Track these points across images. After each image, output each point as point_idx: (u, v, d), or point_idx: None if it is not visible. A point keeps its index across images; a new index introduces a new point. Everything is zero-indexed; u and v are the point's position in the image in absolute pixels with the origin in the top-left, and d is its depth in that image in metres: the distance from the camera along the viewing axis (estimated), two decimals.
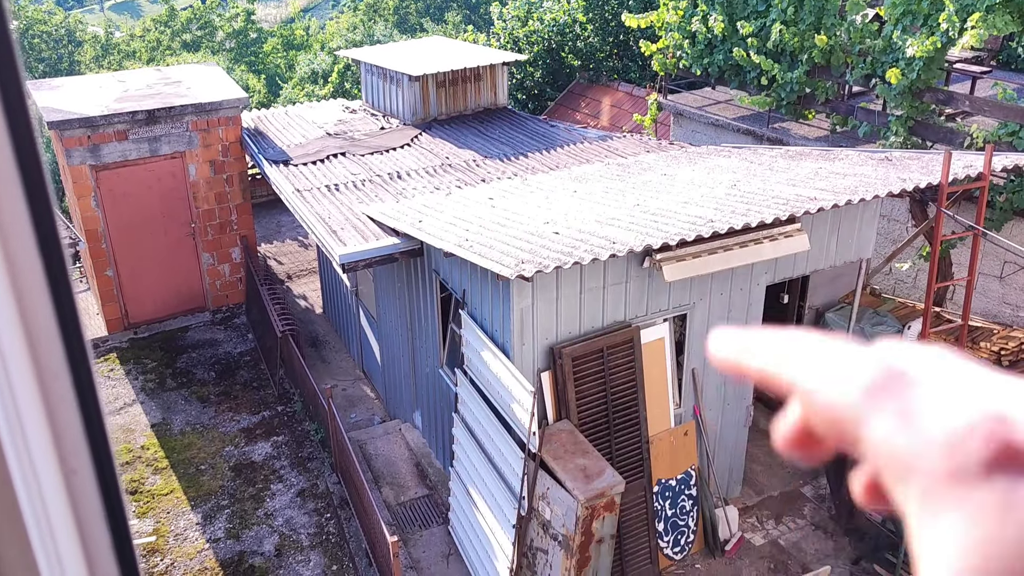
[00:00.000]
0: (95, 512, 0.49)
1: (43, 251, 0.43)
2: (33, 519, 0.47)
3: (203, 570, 9.00)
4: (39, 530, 0.47)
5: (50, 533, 0.47)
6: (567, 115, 19.25)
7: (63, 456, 0.48)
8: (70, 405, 0.47)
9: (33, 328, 0.45)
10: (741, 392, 9.15)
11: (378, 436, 10.77)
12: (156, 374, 12.39)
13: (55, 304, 0.44)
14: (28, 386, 0.46)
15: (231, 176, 13.28)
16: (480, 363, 7.95)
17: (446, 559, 8.79)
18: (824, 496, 9.62)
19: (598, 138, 12.73)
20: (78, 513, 0.48)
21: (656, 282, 7.94)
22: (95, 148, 12.21)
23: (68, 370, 0.47)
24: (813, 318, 10.32)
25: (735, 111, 14.54)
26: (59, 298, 0.45)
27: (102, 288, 13.00)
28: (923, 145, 11.20)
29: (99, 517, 0.49)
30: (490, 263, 6.71)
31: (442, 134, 13.00)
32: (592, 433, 7.83)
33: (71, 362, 0.46)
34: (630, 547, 8.31)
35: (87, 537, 0.49)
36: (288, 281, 15.21)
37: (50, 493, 0.47)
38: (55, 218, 0.46)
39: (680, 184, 9.17)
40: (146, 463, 10.59)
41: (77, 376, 0.47)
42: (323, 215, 9.92)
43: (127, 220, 12.81)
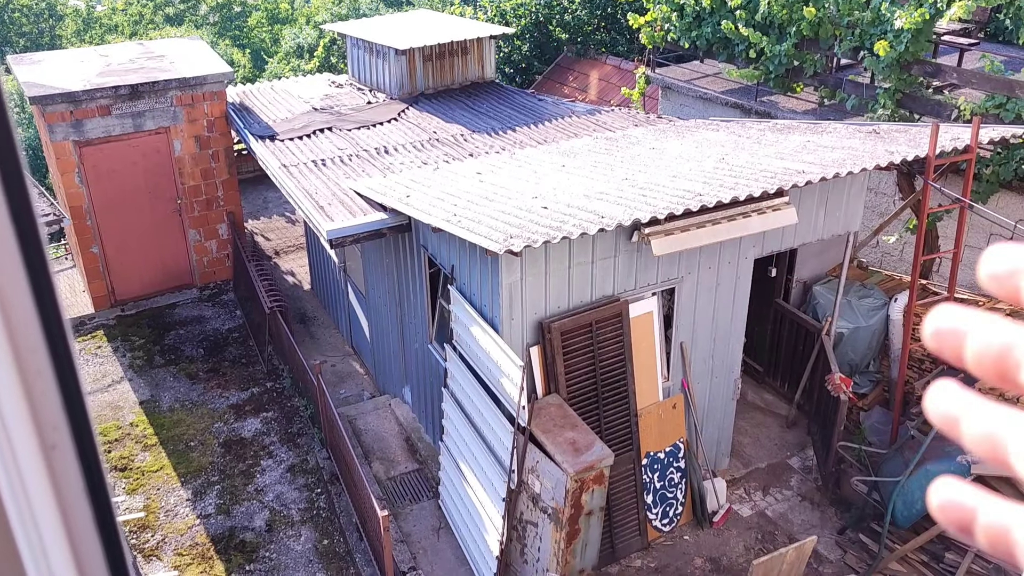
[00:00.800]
0: (76, 487, 0.48)
1: (16, 222, 0.42)
2: (11, 496, 0.46)
3: (194, 545, 9.03)
4: (18, 507, 0.46)
5: (30, 509, 0.46)
6: (555, 89, 19.14)
7: (42, 431, 0.47)
8: (48, 379, 0.46)
9: (8, 302, 0.44)
10: (729, 365, 9.20)
11: (368, 411, 10.79)
12: (144, 351, 12.35)
13: (30, 276, 0.43)
14: (5, 361, 0.45)
15: (217, 152, 13.16)
16: (469, 338, 7.96)
17: (436, 533, 8.85)
18: (811, 468, 9.72)
19: (586, 112, 12.67)
20: (59, 489, 0.48)
21: (644, 256, 7.94)
22: (78, 124, 12.07)
23: (45, 344, 0.46)
24: (801, 291, 10.37)
25: (723, 84, 14.49)
26: (34, 270, 0.44)
27: (88, 265, 12.91)
28: (911, 118, 11.20)
29: (80, 492, 0.48)
30: (478, 238, 6.69)
31: (429, 108, 12.91)
32: (581, 407, 7.86)
33: (48, 336, 0.46)
34: (619, 519, 8.38)
35: (68, 513, 0.48)
36: (276, 257, 15.14)
37: (29, 469, 0.47)
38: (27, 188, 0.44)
39: (668, 158, 9.15)
40: (135, 440, 10.58)
41: (55, 350, 0.46)
42: (310, 190, 9.85)
43: (112, 196, 12.69)
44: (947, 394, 0.62)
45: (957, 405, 0.61)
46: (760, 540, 8.81)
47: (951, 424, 0.61)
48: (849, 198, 9.10)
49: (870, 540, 8.56)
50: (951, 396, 0.62)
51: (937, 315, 0.63)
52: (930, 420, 0.63)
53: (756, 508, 9.22)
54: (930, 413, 0.62)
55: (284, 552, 8.94)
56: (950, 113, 10.65)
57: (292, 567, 8.77)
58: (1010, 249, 0.61)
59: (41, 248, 0.45)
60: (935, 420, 0.62)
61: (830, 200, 8.95)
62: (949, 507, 0.60)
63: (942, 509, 0.61)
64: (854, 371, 10.07)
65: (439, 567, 8.43)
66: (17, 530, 0.46)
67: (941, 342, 0.62)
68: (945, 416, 0.61)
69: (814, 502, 9.28)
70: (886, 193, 12.38)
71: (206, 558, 8.88)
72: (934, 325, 0.62)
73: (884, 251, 12.57)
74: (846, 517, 9.01)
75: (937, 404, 0.62)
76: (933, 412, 0.62)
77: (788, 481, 9.58)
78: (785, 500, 9.33)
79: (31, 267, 0.43)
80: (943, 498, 0.61)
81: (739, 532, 8.91)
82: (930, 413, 0.62)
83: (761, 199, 7.62)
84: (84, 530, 0.48)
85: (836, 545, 8.71)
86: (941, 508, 0.61)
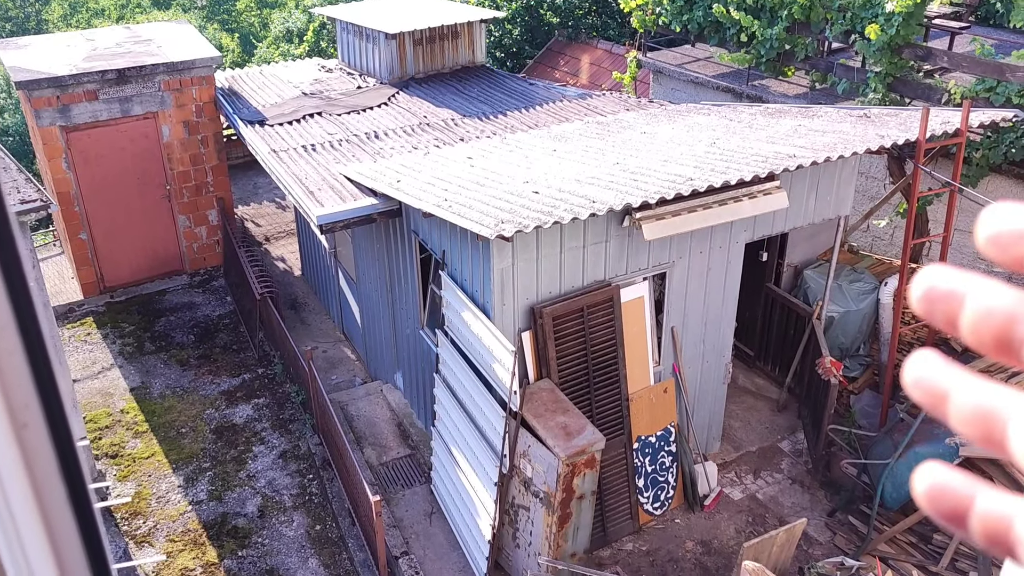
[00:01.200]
0: (49, 466, 0.47)
1: None
2: None
3: (186, 531, 9.03)
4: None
5: (1, 490, 0.45)
6: (546, 73, 19.07)
7: (13, 410, 0.46)
8: (18, 357, 0.45)
9: None
10: (720, 349, 9.22)
11: (359, 397, 10.78)
12: (134, 338, 12.30)
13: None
14: None
15: (206, 137, 13.08)
16: (461, 324, 7.95)
17: (429, 517, 8.87)
18: (801, 451, 9.77)
19: (577, 96, 12.63)
20: (31, 468, 0.47)
21: (636, 241, 7.94)
22: (65, 109, 11.97)
23: (14, 321, 0.45)
24: (791, 276, 10.39)
25: (715, 68, 14.46)
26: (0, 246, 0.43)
27: (76, 252, 12.84)
28: (901, 101, 11.20)
29: (54, 471, 0.47)
30: (469, 223, 6.67)
31: (420, 93, 12.84)
32: (573, 391, 7.87)
33: (17, 313, 0.44)
34: (611, 503, 8.42)
35: (42, 492, 0.47)
36: (266, 243, 15.09)
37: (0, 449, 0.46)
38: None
39: (660, 142, 9.13)
40: (126, 427, 10.56)
41: (24, 327, 0.45)
42: (300, 176, 9.81)
43: (100, 182, 12.61)
44: (929, 365, 0.55)
45: (943, 377, 0.54)
46: (751, 523, 8.87)
47: (935, 399, 0.54)
48: (840, 182, 9.11)
49: (859, 522, 8.62)
50: (934, 368, 0.55)
51: (929, 275, 0.56)
52: (909, 394, 0.56)
53: (747, 491, 9.27)
54: (909, 386, 0.56)
55: (276, 538, 8.95)
56: (940, 97, 10.66)
57: (285, 552, 8.78)
58: (1014, 208, 0.53)
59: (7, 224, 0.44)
60: (914, 394, 0.55)
61: (821, 184, 8.96)
62: (938, 494, 0.54)
63: (930, 497, 0.54)
64: (844, 355, 10.11)
65: (431, 551, 8.46)
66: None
67: (932, 305, 0.55)
68: (928, 390, 0.54)
69: (804, 485, 9.34)
70: (876, 177, 12.40)
71: (198, 544, 8.89)
72: (925, 285, 0.55)
73: (875, 235, 12.60)
74: (836, 499, 9.07)
75: (918, 376, 0.55)
76: (912, 384, 0.55)
77: (779, 464, 9.63)
78: (775, 483, 9.38)
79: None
80: (931, 484, 0.55)
81: (730, 515, 8.97)
82: (909, 386, 0.56)
83: (752, 183, 7.62)
84: (58, 509, 0.47)
85: (826, 527, 8.77)
86: (929, 495, 0.55)
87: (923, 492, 0.55)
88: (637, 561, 8.37)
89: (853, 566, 7.46)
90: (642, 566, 8.25)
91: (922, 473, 0.56)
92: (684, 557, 8.46)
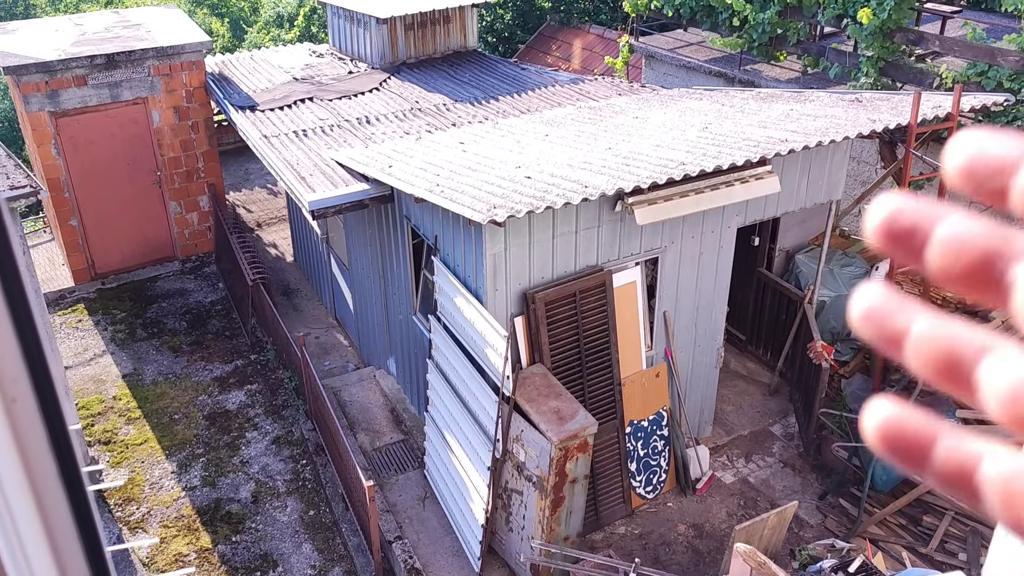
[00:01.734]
0: (39, 440, 0.47)
1: None
2: None
3: (180, 517, 9.05)
4: None
5: (4, 500, 0.46)
6: (538, 58, 19.00)
7: (1, 384, 0.46)
8: (6, 330, 0.45)
9: None
10: (712, 334, 9.25)
11: (352, 383, 10.79)
12: (126, 324, 12.27)
13: None
14: None
15: (196, 123, 13.00)
16: (453, 309, 7.95)
17: (422, 502, 8.90)
18: (793, 434, 9.83)
19: (569, 81, 12.59)
20: (21, 443, 0.47)
21: (628, 226, 7.94)
22: (54, 94, 11.88)
23: (2, 295, 0.45)
24: (783, 260, 10.42)
25: (707, 53, 14.43)
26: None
27: (66, 238, 12.77)
28: (893, 86, 11.21)
29: (44, 445, 0.47)
30: (461, 208, 6.66)
31: (411, 78, 12.79)
32: (565, 376, 7.89)
33: (4, 287, 0.44)
34: (603, 487, 8.46)
35: (32, 467, 0.47)
36: (258, 229, 15.04)
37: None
38: None
39: (652, 127, 9.12)
40: (119, 413, 10.55)
41: (11, 301, 0.45)
42: (291, 161, 9.77)
43: (90, 168, 12.54)
44: (881, 297, 0.49)
45: (897, 311, 0.48)
46: (742, 506, 8.92)
47: (888, 335, 0.48)
48: (832, 167, 9.12)
49: (850, 505, 8.68)
50: (887, 301, 0.49)
51: (891, 202, 0.49)
52: (856, 328, 0.50)
53: (739, 475, 9.32)
54: (856, 319, 0.50)
55: (270, 523, 8.97)
56: (932, 81, 10.66)
57: (278, 537, 8.81)
58: (989, 135, 0.46)
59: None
60: (863, 328, 0.49)
61: (813, 169, 8.97)
62: (893, 431, 0.48)
63: (883, 430, 0.48)
64: (836, 339, 10.15)
65: (425, 536, 8.49)
66: None
67: (895, 236, 0.47)
68: (880, 324, 0.48)
69: (796, 468, 9.39)
70: (868, 162, 12.41)
71: (192, 529, 8.90)
72: (888, 210, 0.48)
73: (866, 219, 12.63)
74: (827, 482, 9.13)
75: (867, 307, 0.49)
76: (862, 317, 0.49)
77: (770, 448, 9.69)
78: (767, 467, 9.43)
79: None
80: (883, 420, 0.48)
81: (722, 498, 9.02)
82: (856, 319, 0.50)
83: (744, 168, 7.63)
84: (49, 483, 0.47)
85: (817, 510, 8.84)
86: (882, 426, 0.48)
87: (874, 424, 0.49)
88: (629, 544, 8.42)
89: (844, 548, 7.52)
90: (634, 549, 8.30)
91: (872, 411, 0.49)
92: (676, 540, 8.51)
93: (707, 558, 8.30)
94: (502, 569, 8.09)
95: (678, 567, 8.13)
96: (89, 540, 0.49)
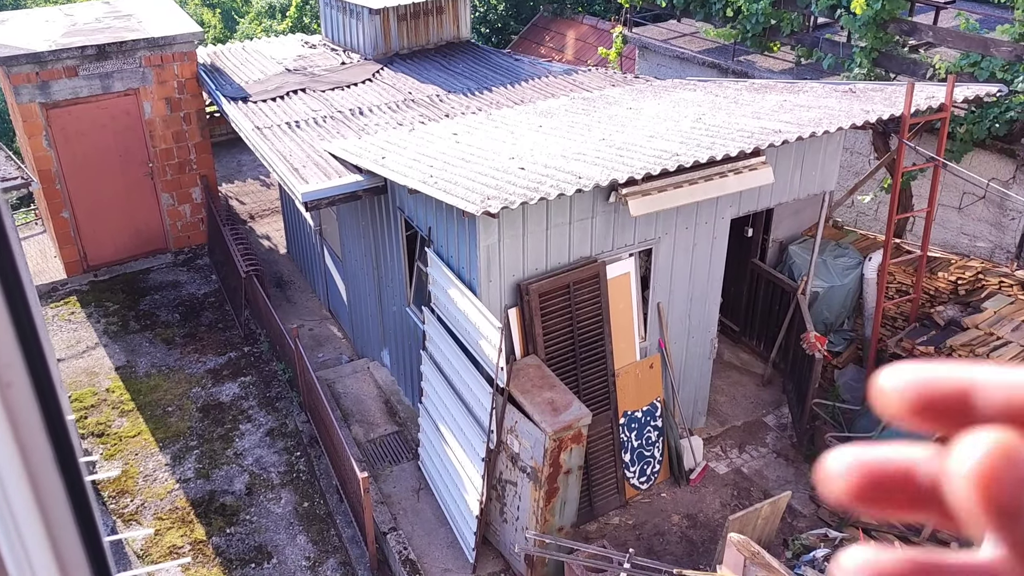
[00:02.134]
0: (35, 425, 0.47)
1: None
2: None
3: (174, 509, 9.04)
4: None
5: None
6: (531, 49, 18.96)
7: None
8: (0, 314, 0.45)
9: None
10: (705, 325, 9.26)
11: (346, 375, 10.78)
12: (119, 317, 12.23)
13: None
14: None
15: (188, 114, 12.94)
16: (447, 301, 7.95)
17: (416, 493, 8.91)
18: (786, 425, 9.86)
19: (563, 72, 12.57)
20: (16, 427, 0.47)
21: (622, 217, 7.94)
22: (44, 85, 11.81)
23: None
24: (776, 251, 10.43)
25: (700, 44, 14.42)
26: None
27: (58, 230, 12.71)
28: (887, 77, 11.21)
29: (39, 430, 0.47)
30: (455, 200, 6.65)
31: (404, 69, 12.74)
32: (559, 367, 7.90)
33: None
34: (597, 478, 8.48)
35: (28, 451, 0.47)
36: (251, 221, 14.99)
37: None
38: None
39: (646, 118, 9.11)
40: (112, 406, 10.52)
41: (6, 283, 0.44)
42: (284, 153, 9.73)
43: (82, 160, 12.47)
44: (898, 375, 0.48)
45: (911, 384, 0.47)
46: (736, 496, 8.96)
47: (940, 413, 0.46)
48: (825, 157, 9.13)
49: None
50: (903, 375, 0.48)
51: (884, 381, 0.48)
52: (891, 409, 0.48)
53: (732, 465, 9.36)
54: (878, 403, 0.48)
55: (264, 515, 8.97)
56: (925, 72, 10.67)
57: (273, 529, 8.81)
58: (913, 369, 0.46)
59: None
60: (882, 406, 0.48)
61: (806, 159, 8.97)
62: (866, 477, 0.47)
63: (847, 482, 0.47)
64: (829, 329, 10.18)
65: (420, 527, 8.50)
66: None
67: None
68: (890, 400, 0.47)
69: (789, 458, 9.43)
70: (861, 153, 12.43)
71: (186, 522, 8.90)
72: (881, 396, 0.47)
73: (859, 210, 12.65)
74: None
75: (885, 389, 0.47)
76: (879, 400, 0.48)
77: (764, 438, 9.72)
78: (760, 457, 9.47)
79: None
80: (842, 470, 0.47)
81: (715, 489, 9.05)
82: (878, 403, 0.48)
83: (738, 159, 7.62)
84: (44, 466, 0.47)
85: (810, 500, 8.87)
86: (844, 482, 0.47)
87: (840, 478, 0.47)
88: (623, 535, 8.45)
89: (837, 538, 7.56)
90: (629, 539, 8.32)
91: (831, 462, 0.48)
92: (670, 530, 8.54)
93: (701, 548, 8.33)
94: (497, 560, 8.11)
95: (672, 557, 8.16)
96: (86, 525, 0.48)
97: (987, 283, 9.57)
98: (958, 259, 10.13)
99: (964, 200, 11.15)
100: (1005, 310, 9.13)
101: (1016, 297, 9.27)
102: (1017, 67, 9.73)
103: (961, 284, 9.73)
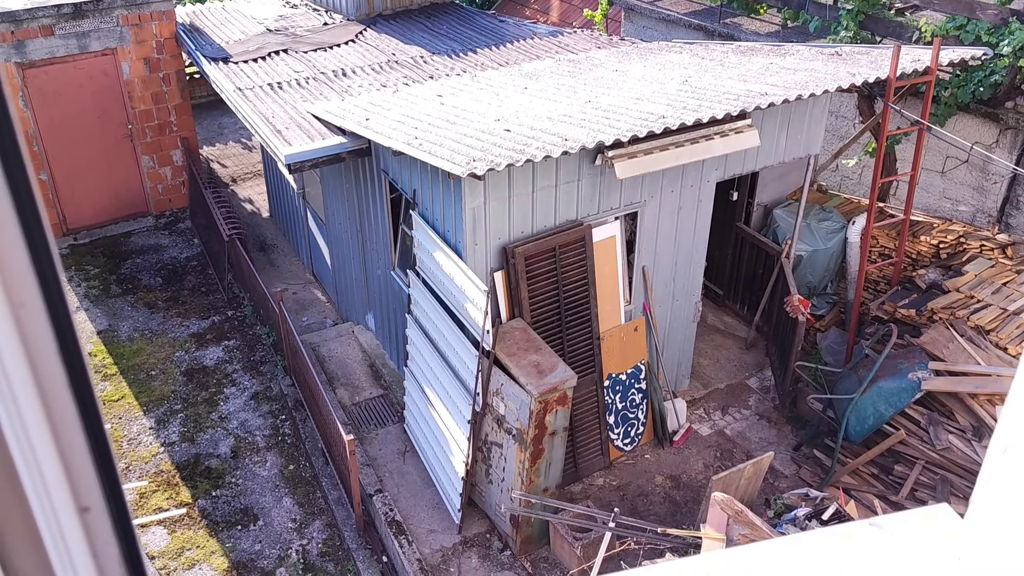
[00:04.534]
0: (48, 345, 0.46)
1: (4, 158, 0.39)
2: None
3: (159, 472, 9.05)
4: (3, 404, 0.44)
5: (14, 402, 0.44)
6: (516, 10, 18.74)
7: (9, 289, 0.45)
8: (12, 232, 0.44)
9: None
10: (690, 289, 9.30)
11: (331, 338, 10.77)
12: (100, 280, 12.13)
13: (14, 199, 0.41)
14: None
15: (168, 75, 12.74)
16: (433, 264, 7.93)
17: (402, 456, 8.96)
18: (769, 388, 9.96)
19: (548, 34, 12.45)
20: (28, 346, 0.46)
21: (608, 180, 7.92)
22: (20, 44, 11.57)
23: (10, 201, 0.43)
24: (761, 215, 10.46)
25: (686, 6, 14.30)
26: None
27: None
28: (873, 40, 11.18)
29: (52, 350, 0.46)
30: (440, 161, 6.60)
31: (387, 30, 12.58)
32: (545, 330, 7.92)
33: (12, 190, 0.43)
34: (582, 439, 8.55)
35: (39, 369, 0.46)
36: (233, 184, 14.85)
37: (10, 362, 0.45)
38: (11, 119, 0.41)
39: (631, 80, 9.05)
40: (95, 370, 10.47)
41: (19, 202, 0.43)
42: (267, 114, 9.61)
43: (59, 121, 12.27)
44: None
45: None
46: (719, 457, 9.07)
47: None
48: (811, 121, 9.12)
49: (824, 455, 8.85)
50: None
51: None
52: None
53: (715, 427, 9.46)
54: None
55: (250, 478, 9.00)
56: (911, 35, 10.65)
57: (259, 492, 8.84)
58: None
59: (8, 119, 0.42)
60: None
61: (792, 123, 8.96)
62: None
63: None
64: (812, 293, 10.26)
65: (405, 489, 8.56)
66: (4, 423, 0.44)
67: None
68: None
69: (771, 420, 9.54)
70: (846, 116, 12.43)
71: (172, 484, 8.91)
72: None
73: (843, 174, 12.69)
74: (801, 434, 9.29)
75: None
76: None
77: (746, 401, 9.82)
78: (743, 419, 9.57)
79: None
80: None
81: (699, 450, 9.16)
82: None
83: (724, 121, 7.61)
84: (56, 386, 0.46)
85: (791, 461, 9.00)
86: None
87: None
88: (608, 495, 8.54)
89: (817, 497, 7.68)
90: (613, 500, 8.42)
91: None
92: (654, 491, 8.65)
93: (684, 508, 8.45)
94: (482, 521, 8.19)
95: (655, 517, 8.27)
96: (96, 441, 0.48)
97: (968, 247, 9.65)
98: (940, 223, 10.20)
99: (947, 164, 11.20)
100: (986, 273, 9.22)
101: (997, 260, 9.36)
102: (1003, 30, 9.73)
103: (943, 248, 9.81)
